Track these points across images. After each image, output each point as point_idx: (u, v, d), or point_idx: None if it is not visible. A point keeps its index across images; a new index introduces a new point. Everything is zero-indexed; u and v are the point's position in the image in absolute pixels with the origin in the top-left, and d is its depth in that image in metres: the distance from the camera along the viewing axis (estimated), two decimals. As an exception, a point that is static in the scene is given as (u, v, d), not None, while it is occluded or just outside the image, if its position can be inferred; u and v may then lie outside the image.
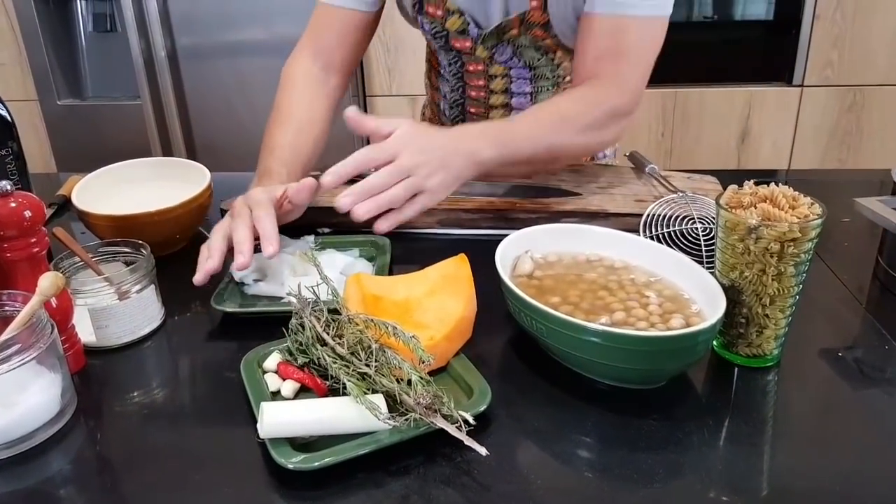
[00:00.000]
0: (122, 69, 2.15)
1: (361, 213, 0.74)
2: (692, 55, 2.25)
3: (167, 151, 2.16)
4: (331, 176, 0.76)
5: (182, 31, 2.12)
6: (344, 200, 0.74)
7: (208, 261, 0.75)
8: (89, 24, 2.20)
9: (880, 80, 2.13)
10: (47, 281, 0.60)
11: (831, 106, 2.18)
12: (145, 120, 2.13)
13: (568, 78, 1.09)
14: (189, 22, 2.11)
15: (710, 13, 2.28)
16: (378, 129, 0.80)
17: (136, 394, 0.65)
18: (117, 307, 0.70)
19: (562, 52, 1.06)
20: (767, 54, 2.23)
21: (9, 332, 0.58)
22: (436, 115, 1.27)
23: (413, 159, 0.77)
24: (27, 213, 0.65)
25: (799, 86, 2.18)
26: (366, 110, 2.26)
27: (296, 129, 0.97)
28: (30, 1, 2.10)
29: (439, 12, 1.04)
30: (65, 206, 1.08)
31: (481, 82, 1.11)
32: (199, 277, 0.75)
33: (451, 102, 1.18)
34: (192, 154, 2.20)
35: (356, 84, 2.23)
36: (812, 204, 0.61)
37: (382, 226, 0.78)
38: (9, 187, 0.65)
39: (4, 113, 0.87)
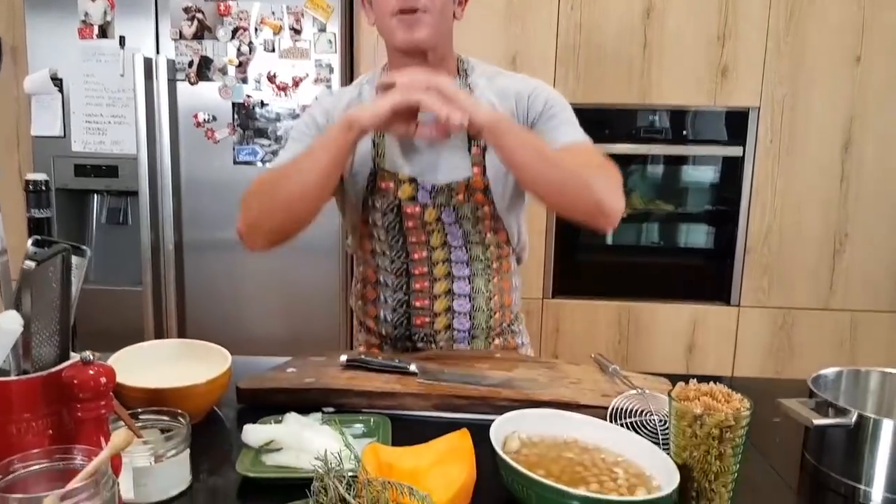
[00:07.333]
0: (127, 258, 2.32)
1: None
2: (642, 275, 2.54)
3: (159, 334, 2.27)
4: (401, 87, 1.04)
5: (189, 225, 2.31)
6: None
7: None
8: (103, 217, 2.40)
9: (803, 304, 2.41)
10: (120, 436, 0.71)
11: (765, 325, 2.42)
12: (143, 306, 2.26)
13: (495, 264, 1.31)
14: (196, 218, 2.31)
15: (657, 239, 2.62)
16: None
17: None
18: (155, 468, 0.80)
19: (490, 231, 1.28)
20: (708, 277, 2.50)
21: (79, 479, 0.67)
22: (374, 333, 1.38)
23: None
24: (102, 380, 0.77)
25: (736, 306, 2.43)
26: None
27: None
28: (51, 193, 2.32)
29: (391, 184, 1.25)
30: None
31: (424, 268, 1.29)
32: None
33: (396, 303, 1.32)
34: (182, 337, 2.30)
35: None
36: (742, 399, 0.77)
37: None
38: (90, 357, 0.78)
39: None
